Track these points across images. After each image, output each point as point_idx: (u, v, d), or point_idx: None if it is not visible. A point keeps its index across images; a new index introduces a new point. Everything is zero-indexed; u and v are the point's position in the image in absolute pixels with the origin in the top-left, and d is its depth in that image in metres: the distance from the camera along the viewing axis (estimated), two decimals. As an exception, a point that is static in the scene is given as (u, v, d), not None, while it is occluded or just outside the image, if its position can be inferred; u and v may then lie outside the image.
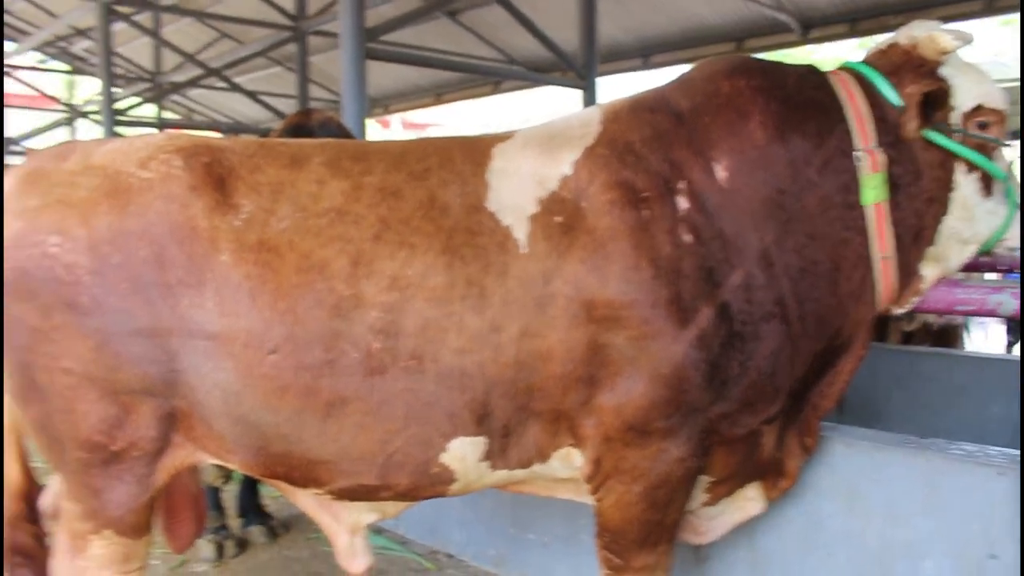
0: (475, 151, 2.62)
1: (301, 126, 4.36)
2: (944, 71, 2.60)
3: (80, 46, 17.22)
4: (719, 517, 2.95)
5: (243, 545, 4.58)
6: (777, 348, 2.49)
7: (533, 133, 2.71)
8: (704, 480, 2.71)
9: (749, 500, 2.91)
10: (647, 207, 2.44)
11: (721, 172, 2.52)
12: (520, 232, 2.44)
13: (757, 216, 2.50)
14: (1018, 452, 2.82)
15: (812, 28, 10.43)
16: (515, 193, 2.50)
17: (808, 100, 2.61)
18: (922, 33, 2.60)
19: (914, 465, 2.90)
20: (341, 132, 4.45)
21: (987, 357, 5.03)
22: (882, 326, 5.39)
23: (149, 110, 16.38)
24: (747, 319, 2.45)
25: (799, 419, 2.80)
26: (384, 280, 2.36)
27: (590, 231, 2.43)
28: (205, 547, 4.40)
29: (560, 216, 2.46)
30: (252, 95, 12.28)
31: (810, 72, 2.71)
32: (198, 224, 2.38)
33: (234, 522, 4.71)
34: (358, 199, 2.45)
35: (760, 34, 10.98)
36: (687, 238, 2.43)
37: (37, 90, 15.89)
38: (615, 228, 2.42)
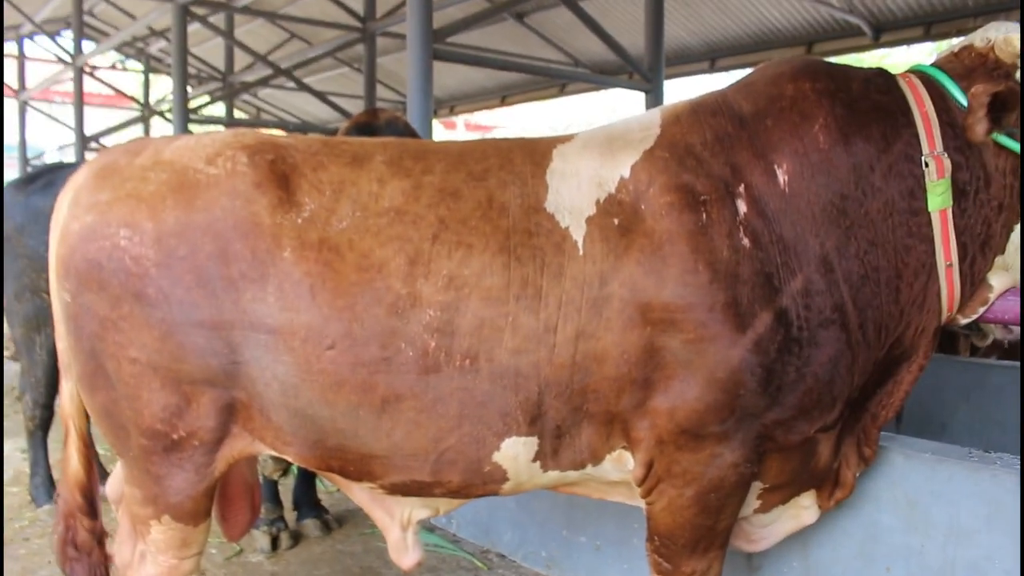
0: (535, 152, 2.63)
1: (368, 125, 4.41)
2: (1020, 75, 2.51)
3: (156, 47, 17.72)
4: (772, 525, 2.91)
5: (297, 538, 4.64)
6: (835, 355, 2.45)
7: (593, 135, 2.71)
8: (757, 487, 2.67)
9: (803, 509, 2.86)
10: (706, 210, 2.42)
11: (782, 176, 2.48)
12: (577, 233, 2.44)
13: (818, 221, 2.46)
14: None
15: (884, 31, 10.19)
16: (574, 194, 2.50)
17: (874, 104, 2.56)
18: (998, 35, 2.52)
19: (978, 480, 2.81)
20: (407, 131, 4.49)
21: (1060, 371, 4.85)
22: (951, 341, 5.23)
23: (220, 109, 16.74)
24: (805, 325, 2.42)
25: (857, 428, 2.75)
26: (441, 279, 2.38)
27: (648, 233, 2.42)
28: (261, 538, 4.47)
29: (618, 218, 2.45)
30: (320, 95, 12.49)
31: (878, 75, 2.65)
32: (262, 220, 2.42)
33: (289, 515, 4.78)
34: (417, 199, 2.48)
35: (830, 37, 10.79)
36: (746, 242, 2.41)
37: (115, 89, 16.34)
38: (673, 231, 2.40)
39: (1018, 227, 2.55)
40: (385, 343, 2.37)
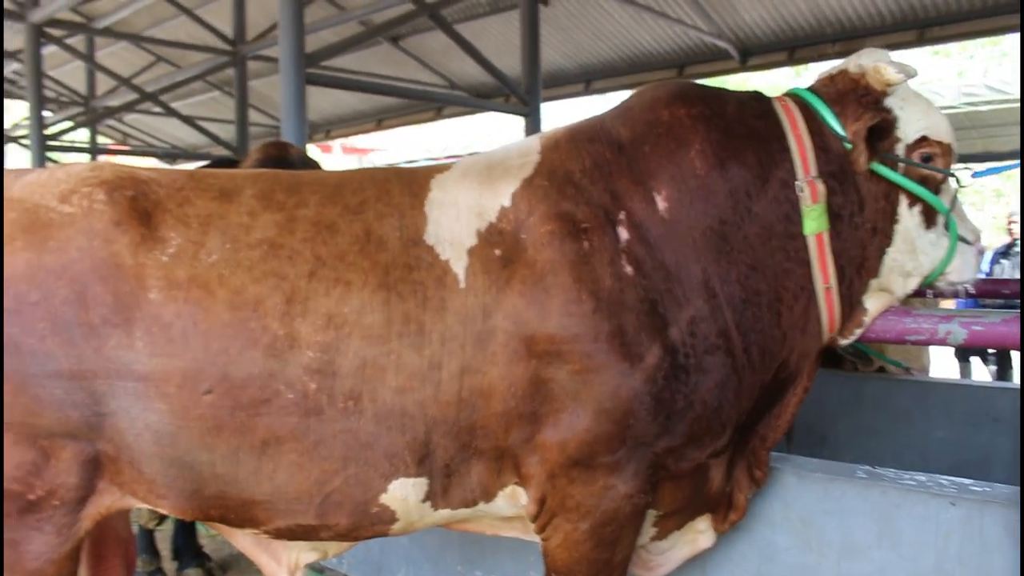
0: (413, 183, 2.55)
1: (281, 158, 4.21)
2: (890, 101, 2.58)
3: (9, 68, 16.81)
4: (669, 551, 2.90)
5: None
6: (722, 381, 2.45)
7: (472, 164, 2.65)
8: (652, 514, 2.65)
9: (699, 533, 2.86)
10: (587, 239, 2.39)
11: (662, 202, 2.48)
12: (459, 266, 2.37)
13: (699, 247, 2.46)
14: (967, 480, 2.81)
15: (751, 56, 10.59)
16: (453, 225, 2.44)
17: (749, 129, 2.59)
18: (869, 63, 2.58)
19: (868, 496, 2.86)
20: (315, 166, 4.37)
21: (931, 381, 5.06)
22: (838, 362, 5.37)
23: (83, 135, 16.00)
24: (691, 352, 2.41)
25: (747, 451, 2.76)
26: (319, 319, 2.28)
27: (530, 264, 2.37)
28: None
29: (499, 249, 2.40)
30: (189, 120, 12.08)
31: (753, 99, 2.69)
32: (123, 261, 2.27)
33: (169, 565, 4.52)
34: (292, 233, 2.37)
35: (700, 60, 11.13)
36: (629, 270, 2.39)
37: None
38: (555, 260, 2.36)
39: (889, 250, 2.62)
40: (264, 385, 2.26)
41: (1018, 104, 10.38)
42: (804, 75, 18.59)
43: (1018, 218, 9.38)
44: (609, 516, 2.46)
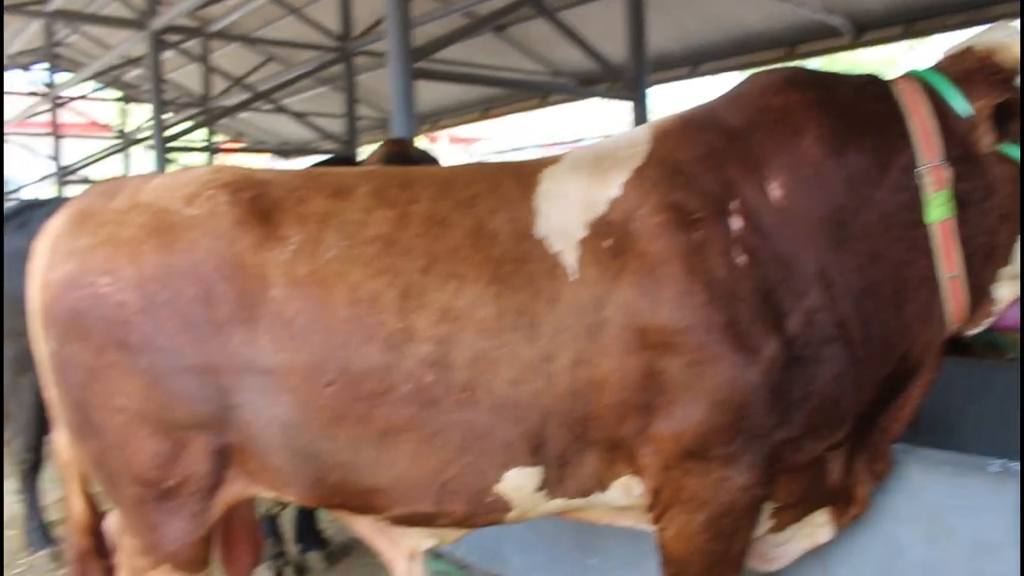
0: (523, 176, 2.57)
1: (402, 155, 4.39)
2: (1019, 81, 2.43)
3: (131, 74, 17.62)
4: (787, 544, 2.84)
5: (301, 571, 4.58)
6: (840, 372, 2.39)
7: (581, 155, 2.65)
8: (769, 506, 2.61)
9: (818, 527, 2.79)
10: (699, 229, 2.36)
11: (776, 191, 2.42)
12: (569, 258, 2.38)
13: (815, 236, 2.40)
14: None
15: (865, 31, 10.16)
16: (564, 218, 2.45)
17: (867, 113, 2.50)
18: (998, 38, 2.44)
19: (1000, 491, 2.72)
20: (435, 162, 4.52)
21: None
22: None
23: (200, 134, 16.65)
24: (808, 342, 2.35)
25: (868, 444, 2.68)
26: (434, 313, 2.33)
27: (641, 255, 2.36)
28: (264, 575, 4.38)
29: (610, 240, 2.39)
30: (299, 116, 12.43)
31: (871, 83, 2.59)
32: (245, 260, 2.37)
33: (293, 548, 4.69)
34: (405, 229, 2.42)
35: (811, 39, 10.75)
36: (742, 260, 2.35)
37: (91, 119, 16.23)
38: (667, 251, 2.35)
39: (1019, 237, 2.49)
40: (382, 377, 2.34)
41: None
42: (920, 50, 17.76)
43: None
44: (725, 508, 2.43)
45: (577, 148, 2.75)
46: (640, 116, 8.59)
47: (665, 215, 2.38)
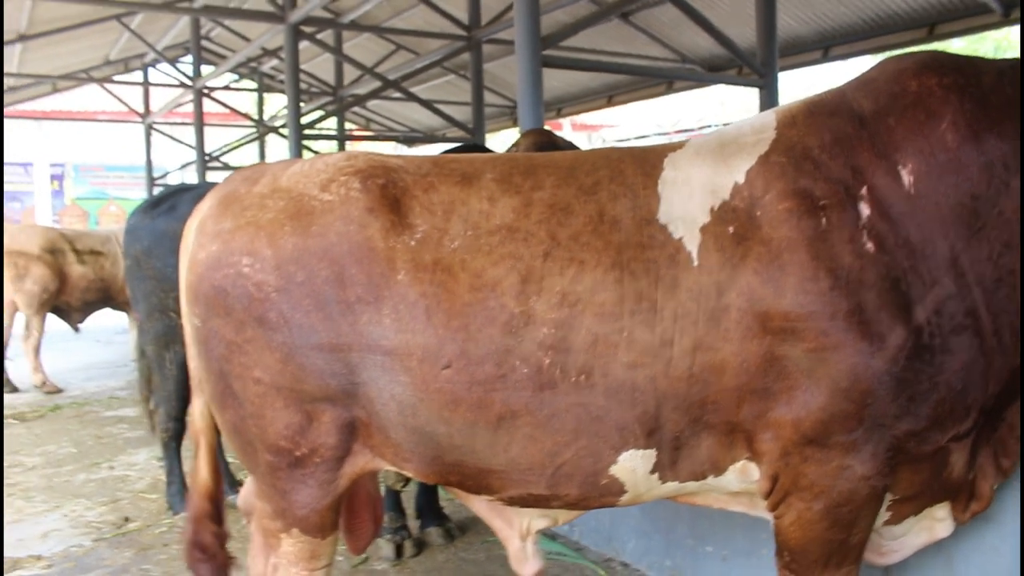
0: (646, 162, 2.60)
1: (550, 144, 4.61)
2: None
3: (268, 65, 18.31)
4: (903, 537, 2.79)
5: (421, 546, 4.74)
6: (969, 363, 2.34)
7: (705, 142, 2.66)
8: (888, 497, 2.57)
9: (937, 522, 2.73)
10: (826, 215, 2.35)
11: (907, 177, 2.38)
12: (691, 244, 2.40)
13: (947, 223, 2.35)
14: None
15: (1016, 5, 9.53)
16: (686, 204, 2.46)
17: (1008, 98, 2.42)
18: None
19: None
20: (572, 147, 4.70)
21: None
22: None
23: (332, 123, 17.17)
24: (936, 332, 2.31)
25: (994, 438, 2.61)
26: (554, 297, 2.38)
27: (765, 241, 2.36)
28: (385, 546, 4.59)
29: (733, 226, 2.40)
30: (428, 104, 12.68)
31: (1013, 67, 2.51)
32: (375, 244, 2.48)
33: (413, 523, 4.86)
34: (528, 215, 2.48)
35: (954, 17, 10.18)
36: (870, 247, 2.32)
37: (230, 108, 16.97)
38: (792, 238, 2.34)
39: None
40: (500, 361, 2.40)
41: None
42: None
43: None
44: (845, 497, 2.42)
45: (701, 135, 2.74)
46: (769, 102, 8.40)
47: (791, 202, 2.38)
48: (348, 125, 19.55)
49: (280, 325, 2.49)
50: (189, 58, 16.07)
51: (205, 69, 15.69)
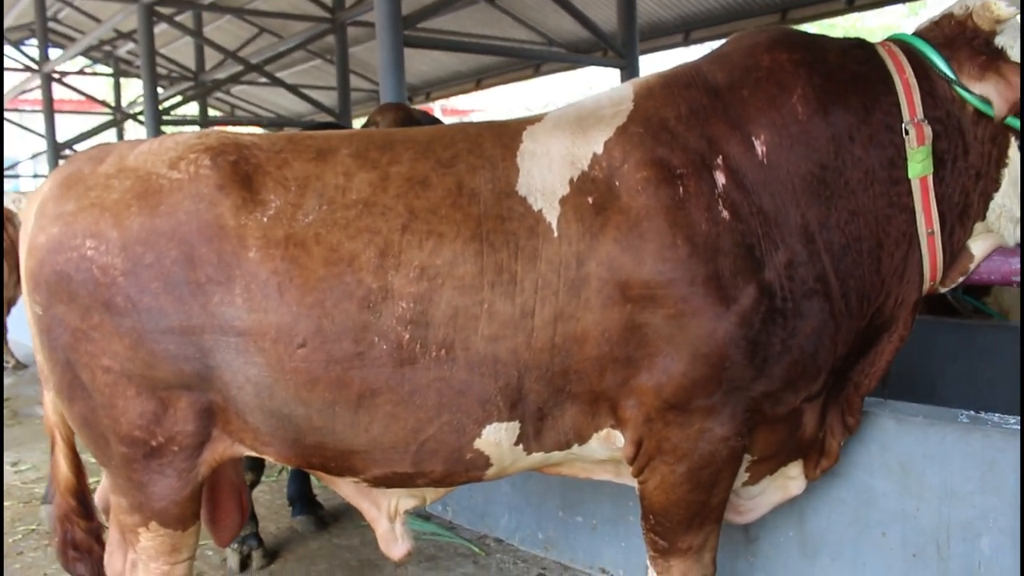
0: (504, 135, 2.59)
1: (408, 119, 4.48)
2: (1001, 40, 2.47)
3: (124, 49, 17.54)
4: (760, 496, 2.91)
5: (273, 556, 4.36)
6: (819, 326, 2.44)
7: (564, 114, 2.67)
8: (746, 459, 2.66)
9: (791, 479, 2.86)
10: (683, 184, 2.39)
11: (760, 147, 2.46)
12: (551, 215, 2.41)
13: (798, 192, 2.44)
14: None
15: (859, -6, 10.10)
16: (545, 175, 2.47)
17: (853, 74, 2.53)
18: (976, 2, 2.47)
19: (970, 441, 2.81)
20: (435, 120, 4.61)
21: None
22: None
23: (193, 108, 16.59)
24: (788, 296, 2.40)
25: (841, 398, 2.74)
26: (412, 271, 2.35)
27: (624, 211, 2.39)
28: (230, 557, 4.24)
29: (592, 196, 2.42)
30: (293, 88, 12.39)
31: (857, 46, 2.62)
32: (226, 223, 2.39)
33: (285, 511, 4.73)
34: (385, 189, 2.44)
35: (804, 4, 10.70)
36: (725, 215, 2.38)
37: (85, 94, 16.17)
38: (650, 207, 2.37)
39: (997, 195, 2.53)
40: (358, 338, 2.35)
41: None
42: (923, 15, 17.69)
43: None
44: (706, 459, 2.48)
45: (559, 108, 2.76)
46: (630, 84, 8.55)
47: (649, 171, 2.41)
48: (212, 112, 18.94)
49: (128, 310, 2.37)
50: (36, 41, 15.20)
51: (54, 53, 14.87)
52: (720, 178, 2.42)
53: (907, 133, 2.45)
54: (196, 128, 15.24)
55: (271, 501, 5.13)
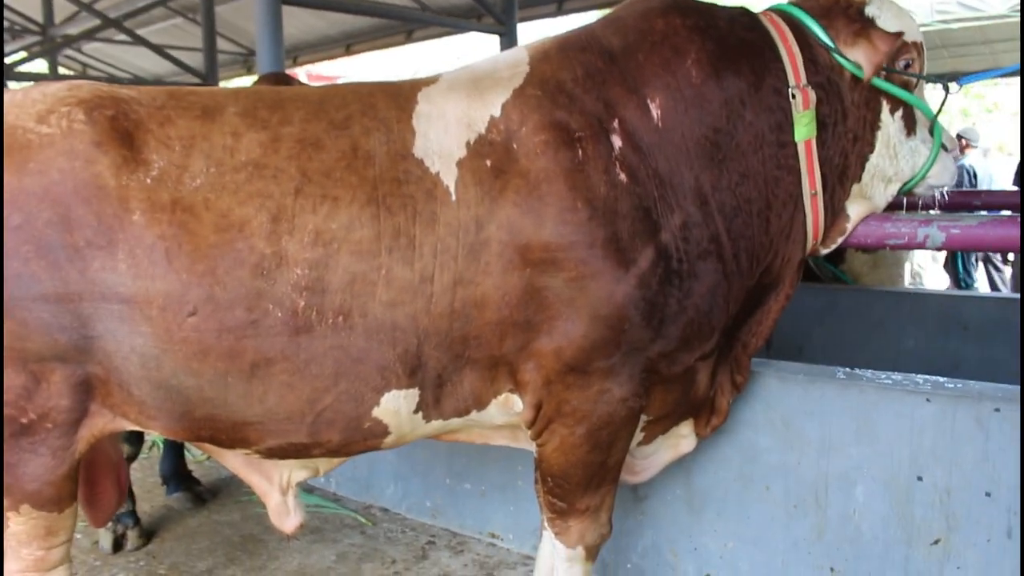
0: (399, 96, 2.53)
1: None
2: (870, 10, 2.67)
3: (-38, -1, 16.24)
4: (653, 456, 2.99)
5: (149, 536, 4.21)
6: (713, 285, 2.51)
7: (458, 76, 2.64)
8: (641, 419, 2.72)
9: (682, 438, 2.95)
10: (581, 147, 2.40)
11: (656, 111, 2.50)
12: (449, 178, 2.37)
13: (692, 155, 2.49)
14: (942, 378, 2.93)
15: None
16: (442, 138, 2.43)
17: (742, 40, 2.62)
18: None
19: (847, 396, 2.97)
20: None
21: (902, 292, 5.18)
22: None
23: (41, 65, 15.53)
24: (684, 257, 2.45)
25: (730, 357, 2.84)
26: (307, 236, 2.27)
27: (523, 174, 2.38)
28: (103, 537, 4.05)
29: (490, 159, 2.40)
30: (157, 48, 11.75)
31: (742, 14, 2.71)
32: (106, 182, 2.24)
33: (159, 489, 4.56)
34: (276, 151, 2.34)
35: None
36: (623, 177, 2.41)
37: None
38: (549, 169, 2.37)
39: (871, 157, 2.69)
40: (251, 306, 2.26)
41: (991, 22, 10.38)
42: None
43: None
44: (604, 420, 2.52)
45: (452, 70, 2.71)
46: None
47: (548, 134, 2.41)
48: (62, 71, 17.80)
49: None
50: None
51: None
52: (617, 141, 2.44)
53: (794, 97, 2.56)
54: (46, 87, 14.29)
55: (143, 479, 4.92)
